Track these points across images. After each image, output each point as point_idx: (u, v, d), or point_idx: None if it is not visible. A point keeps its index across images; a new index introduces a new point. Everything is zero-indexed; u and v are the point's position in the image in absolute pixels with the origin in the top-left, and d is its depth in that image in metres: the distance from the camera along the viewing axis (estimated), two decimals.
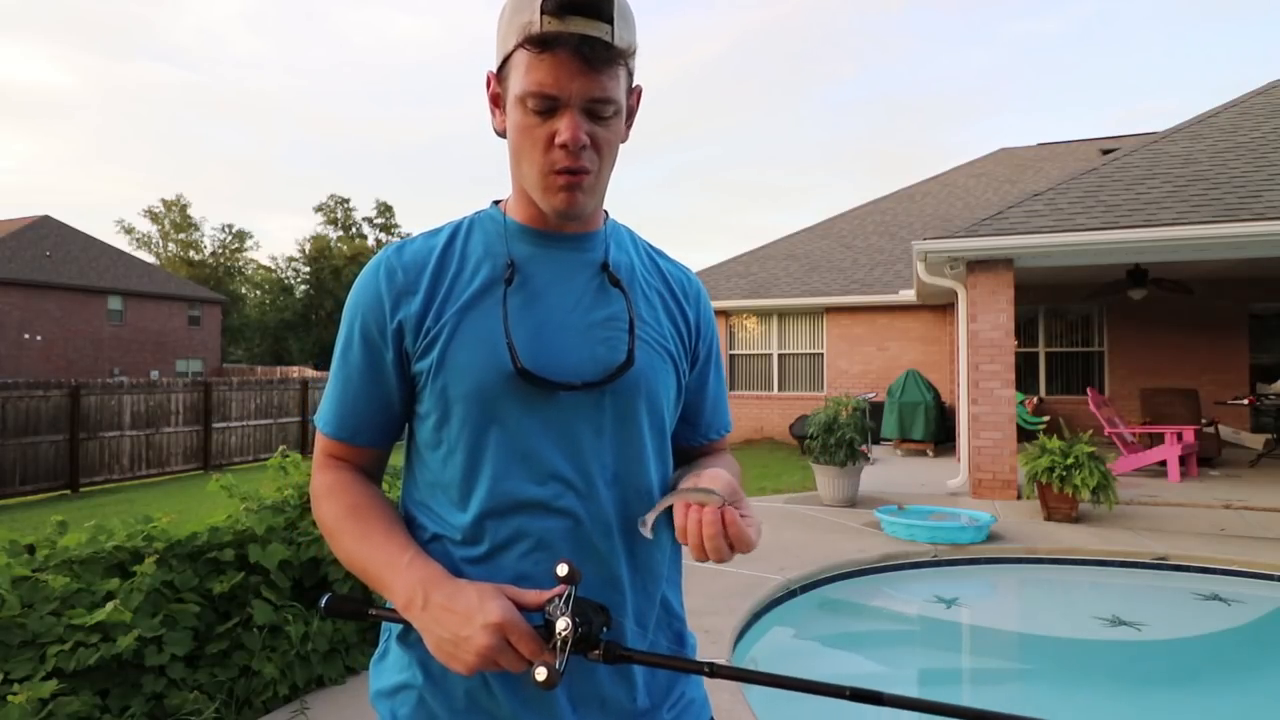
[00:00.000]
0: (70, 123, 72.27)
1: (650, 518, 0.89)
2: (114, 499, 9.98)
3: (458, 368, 0.89)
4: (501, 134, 0.94)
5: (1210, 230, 6.57)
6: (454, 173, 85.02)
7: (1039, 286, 11.33)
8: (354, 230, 48.60)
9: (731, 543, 0.85)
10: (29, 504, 9.93)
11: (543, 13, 0.82)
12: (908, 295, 11.92)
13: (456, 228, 0.99)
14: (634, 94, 0.95)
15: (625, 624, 0.94)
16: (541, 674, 0.73)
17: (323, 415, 0.98)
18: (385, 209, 49.29)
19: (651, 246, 1.11)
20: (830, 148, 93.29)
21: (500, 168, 0.98)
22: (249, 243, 49.35)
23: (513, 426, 0.89)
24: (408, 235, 1.08)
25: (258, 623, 2.90)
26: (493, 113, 0.95)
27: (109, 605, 2.49)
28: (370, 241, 47.81)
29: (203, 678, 2.72)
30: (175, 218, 46.26)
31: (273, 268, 48.68)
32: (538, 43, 0.83)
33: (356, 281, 0.97)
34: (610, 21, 0.84)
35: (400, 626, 0.95)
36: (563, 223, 0.95)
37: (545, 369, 0.90)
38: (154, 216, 46.09)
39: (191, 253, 46.71)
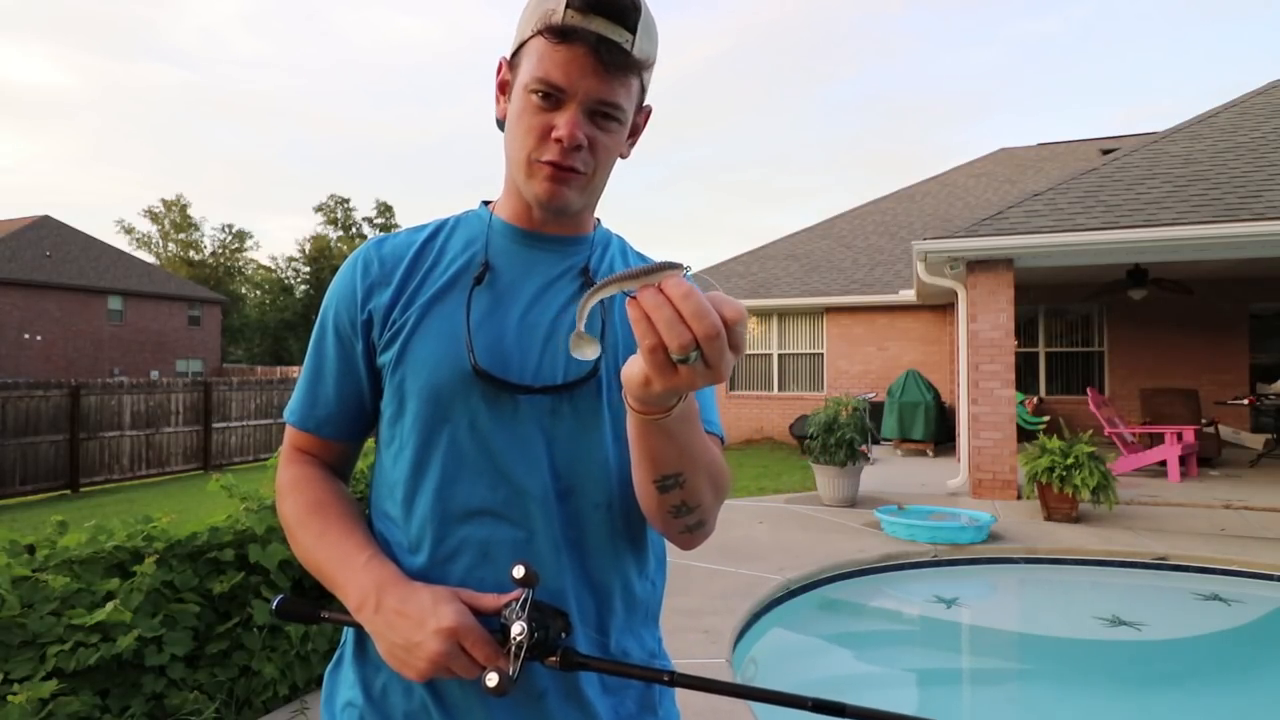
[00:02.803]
0: (70, 123, 72.37)
1: (583, 312, 0.67)
2: (114, 499, 9.98)
3: (416, 362, 0.87)
4: (501, 123, 0.92)
5: (1210, 230, 6.57)
6: (454, 173, 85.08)
7: (1039, 286, 11.33)
8: (354, 230, 48.58)
9: (726, 319, 0.62)
10: (29, 504, 9.92)
11: (568, 6, 0.81)
12: (908, 295, 11.92)
13: (442, 224, 0.97)
14: (643, 113, 0.93)
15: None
16: (492, 680, 0.71)
17: (291, 407, 0.96)
18: (385, 209, 49.28)
19: (645, 257, 1.06)
20: (831, 148, 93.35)
21: (500, 167, 0.95)
22: (249, 243, 49.40)
23: (465, 428, 0.86)
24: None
25: (258, 623, 2.90)
26: (497, 100, 0.93)
27: (109, 605, 2.49)
28: None
29: (203, 678, 2.72)
30: (175, 218, 46.26)
31: (273, 268, 48.69)
32: (556, 32, 0.81)
33: (338, 273, 0.95)
34: (633, 31, 0.83)
35: (355, 638, 0.92)
36: (547, 220, 0.92)
37: (504, 370, 0.86)
38: (154, 216, 46.10)
39: (191, 253, 46.71)
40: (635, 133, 0.94)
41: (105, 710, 2.47)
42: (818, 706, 0.70)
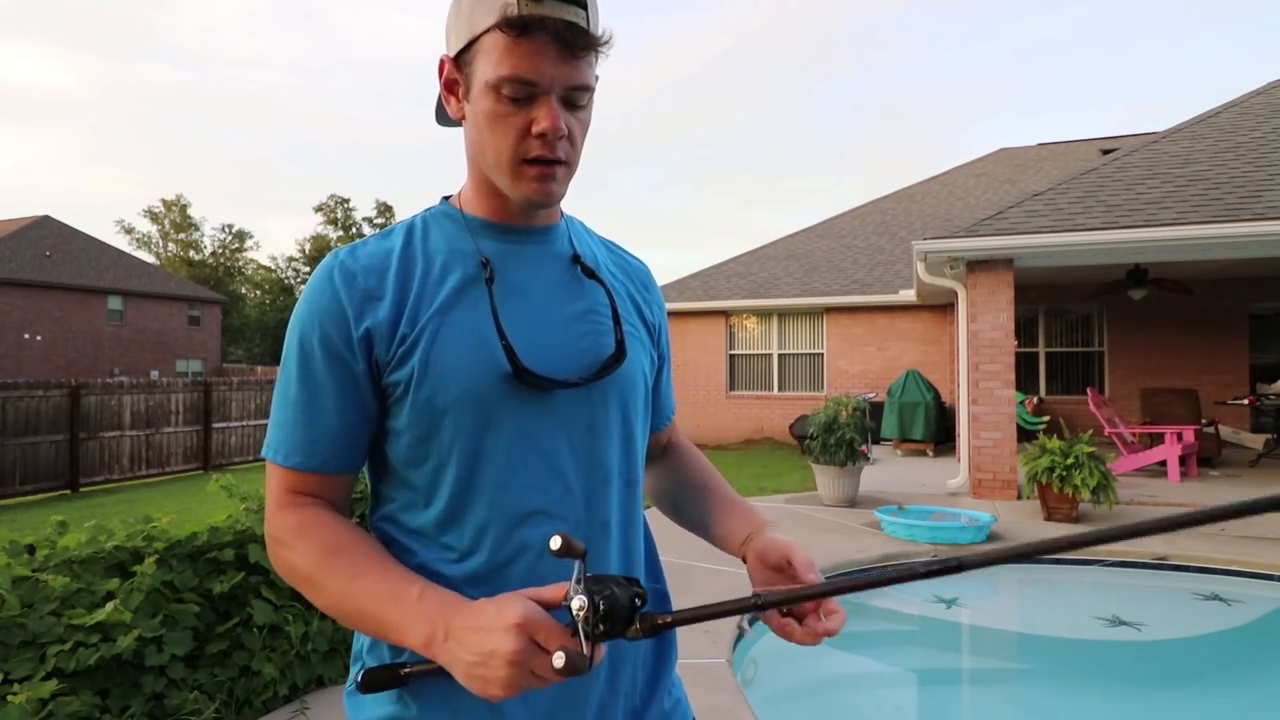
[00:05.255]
0: (70, 123, 72.36)
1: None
2: (114, 499, 9.98)
3: (445, 373, 0.82)
4: (455, 122, 0.90)
5: (1210, 230, 6.58)
6: (454, 173, 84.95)
7: (1039, 286, 11.33)
8: (354, 230, 48.61)
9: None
10: (29, 504, 9.92)
11: None
12: (908, 295, 11.93)
13: (409, 228, 0.92)
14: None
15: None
16: (559, 660, 0.66)
17: (281, 447, 0.85)
18: (385, 209, 49.31)
19: (603, 237, 1.08)
20: (830, 148, 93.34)
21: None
22: (249, 243, 49.40)
23: (511, 431, 0.84)
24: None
25: (258, 623, 2.90)
26: (447, 100, 0.89)
27: (109, 605, 2.49)
28: None
29: (203, 678, 2.72)
30: (175, 218, 46.28)
31: (273, 268, 48.72)
32: (517, 25, 0.78)
33: (305, 292, 0.87)
34: (584, 6, 0.81)
35: (369, 647, 0.88)
36: (530, 215, 0.92)
37: (541, 366, 0.85)
38: (154, 216, 46.12)
39: (191, 253, 46.73)
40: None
41: (105, 710, 2.47)
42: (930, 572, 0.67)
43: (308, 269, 46.90)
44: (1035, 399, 11.67)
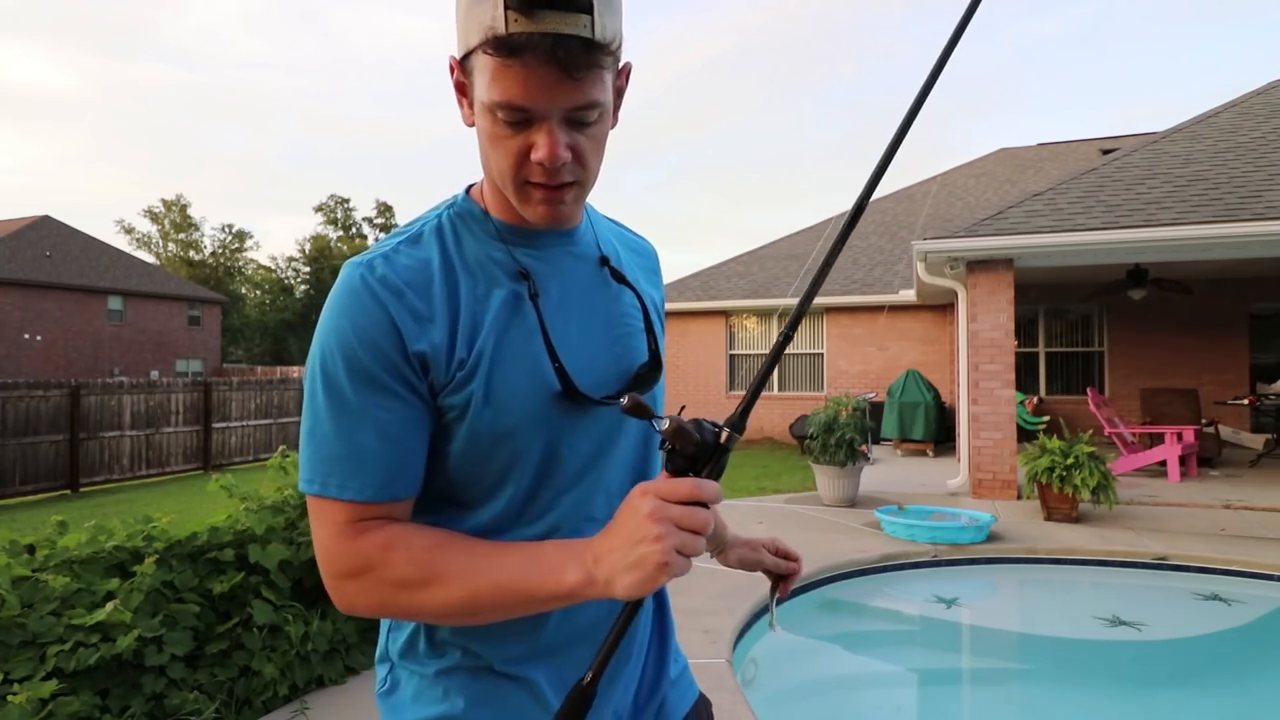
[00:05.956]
0: (70, 123, 72.36)
1: (775, 611, 1.14)
2: (114, 499, 9.98)
3: (505, 399, 0.79)
4: (470, 125, 0.83)
5: (1210, 230, 6.57)
6: (455, 173, 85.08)
7: (1039, 286, 11.33)
8: (354, 230, 48.62)
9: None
10: (29, 504, 9.92)
11: (506, 8, 0.68)
12: (908, 295, 11.92)
13: (438, 231, 0.85)
14: (622, 74, 0.81)
15: (643, 614, 0.97)
16: (661, 424, 0.73)
17: (349, 481, 0.77)
18: (385, 209, 49.32)
19: (609, 219, 1.04)
20: (830, 148, 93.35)
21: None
22: (249, 243, 49.41)
23: (561, 448, 0.83)
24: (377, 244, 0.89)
25: (258, 623, 2.90)
26: (459, 102, 0.81)
27: (109, 605, 2.49)
28: (370, 241, 47.80)
29: (203, 678, 2.72)
30: (175, 218, 46.27)
31: (273, 268, 48.69)
32: (504, 47, 0.69)
33: (339, 308, 0.78)
34: (589, 10, 0.69)
35: (403, 651, 0.88)
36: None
37: (587, 383, 0.84)
38: (154, 216, 46.12)
39: (191, 253, 46.72)
40: (619, 96, 0.82)
41: (105, 710, 2.46)
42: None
43: (308, 269, 46.86)
44: (1035, 399, 11.67)
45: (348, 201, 48.91)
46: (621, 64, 0.80)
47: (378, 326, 0.76)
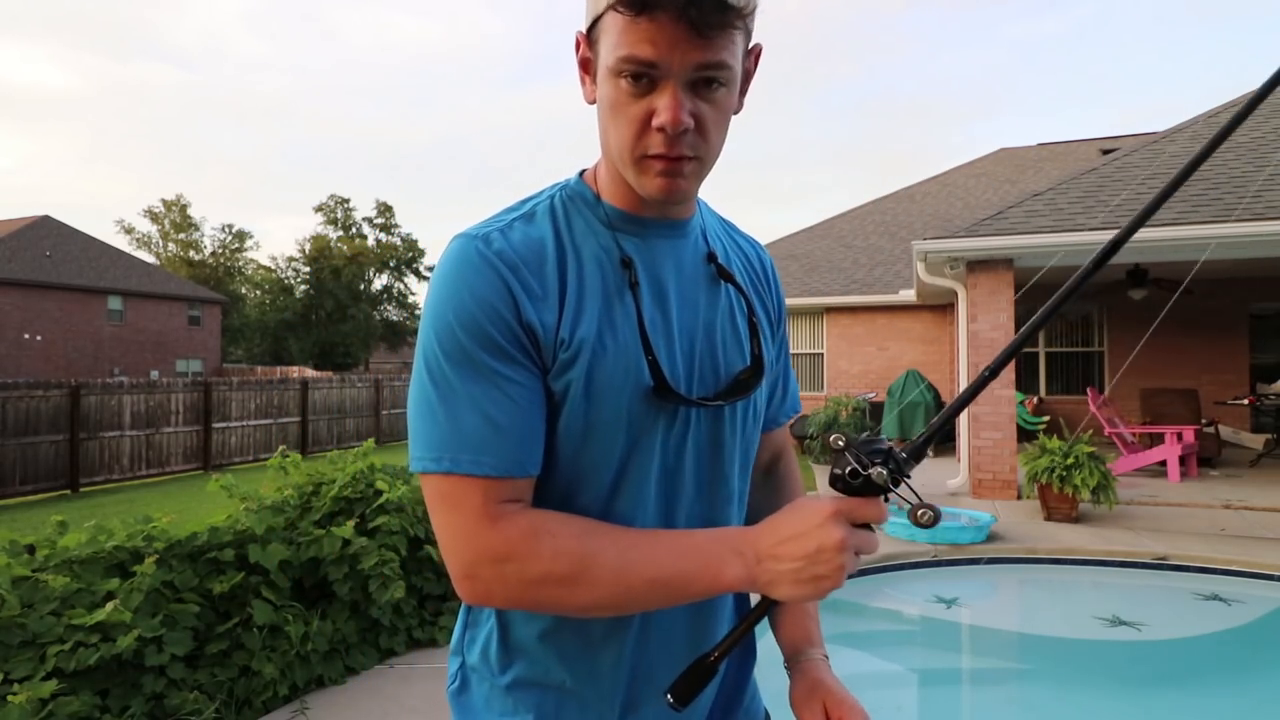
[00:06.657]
0: (70, 123, 72.37)
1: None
2: (114, 499, 9.97)
3: (603, 391, 0.77)
4: (592, 103, 0.81)
5: (1210, 230, 6.57)
6: (455, 173, 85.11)
7: (1039, 286, 11.32)
8: (354, 230, 48.57)
9: None
10: (29, 504, 9.92)
11: None
12: (908, 295, 11.92)
13: (551, 211, 0.83)
14: (752, 54, 0.79)
15: (717, 630, 0.98)
16: (926, 516, 0.71)
17: (483, 455, 0.73)
18: (385, 209, 49.26)
19: (722, 218, 1.00)
20: (830, 148, 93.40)
21: (500, 168, 0.93)
22: (249, 243, 49.37)
23: (646, 448, 0.81)
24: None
25: (258, 623, 2.90)
26: (582, 80, 0.80)
27: (109, 605, 2.50)
28: (370, 241, 47.77)
29: (203, 678, 2.72)
30: (175, 218, 46.25)
31: (273, 268, 48.64)
32: (634, 4, 0.68)
33: (455, 278, 0.76)
34: None
35: (476, 651, 0.87)
36: (664, 208, 0.84)
37: (680, 380, 0.82)
38: (154, 216, 46.09)
39: (191, 253, 46.71)
40: (746, 80, 0.80)
41: (105, 710, 2.47)
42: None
43: (308, 269, 46.80)
44: (1035, 399, 11.67)
45: (348, 201, 48.81)
46: (753, 43, 0.79)
47: (498, 294, 0.74)
